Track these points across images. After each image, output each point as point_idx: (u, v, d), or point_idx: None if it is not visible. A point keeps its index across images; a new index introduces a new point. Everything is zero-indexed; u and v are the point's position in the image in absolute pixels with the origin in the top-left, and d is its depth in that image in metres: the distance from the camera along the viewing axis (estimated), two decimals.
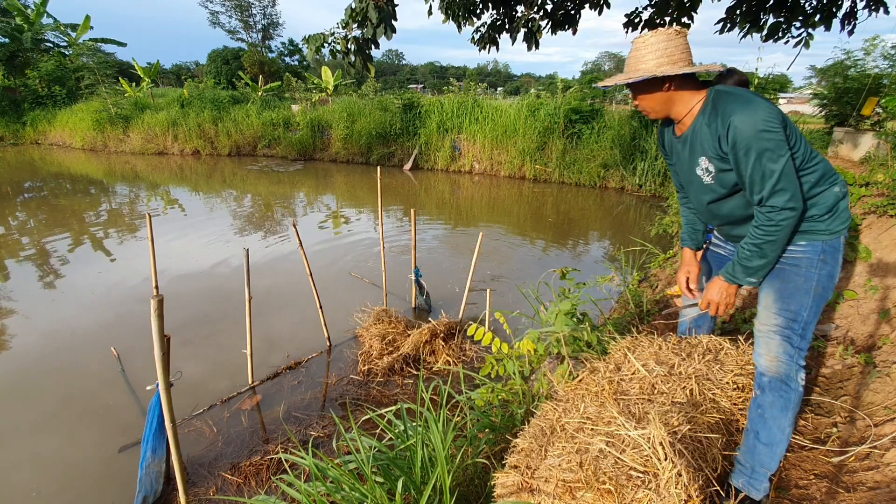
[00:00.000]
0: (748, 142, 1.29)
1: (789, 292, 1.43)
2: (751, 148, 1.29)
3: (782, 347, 1.43)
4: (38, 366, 3.20)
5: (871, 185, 3.31)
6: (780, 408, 1.44)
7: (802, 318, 1.42)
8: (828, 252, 1.41)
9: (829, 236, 1.40)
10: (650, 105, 1.49)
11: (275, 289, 4.43)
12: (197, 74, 36.87)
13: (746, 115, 1.28)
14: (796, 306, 1.42)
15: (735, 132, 1.30)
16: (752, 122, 1.27)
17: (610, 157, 9.54)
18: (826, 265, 1.41)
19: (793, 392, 1.43)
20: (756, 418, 1.48)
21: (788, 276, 1.44)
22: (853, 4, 3.61)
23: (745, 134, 1.28)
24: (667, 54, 1.38)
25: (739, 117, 1.29)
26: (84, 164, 12.72)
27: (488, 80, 52.51)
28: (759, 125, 1.27)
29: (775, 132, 1.27)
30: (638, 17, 4.07)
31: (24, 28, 17.60)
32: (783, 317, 1.44)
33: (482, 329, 2.23)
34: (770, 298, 1.48)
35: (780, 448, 1.46)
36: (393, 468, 1.50)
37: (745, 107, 1.29)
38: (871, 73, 6.81)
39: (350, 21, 3.20)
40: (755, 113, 1.27)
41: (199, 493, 2.16)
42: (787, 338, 1.43)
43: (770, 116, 1.27)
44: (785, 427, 1.44)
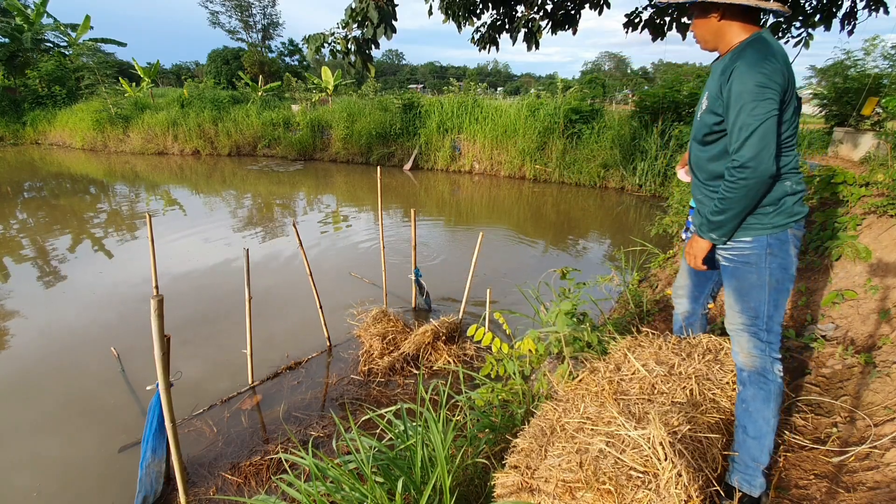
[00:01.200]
0: (739, 91, 1.30)
1: (745, 290, 1.49)
2: (740, 97, 1.30)
3: (751, 343, 1.49)
4: (39, 366, 3.20)
5: (871, 185, 3.30)
6: (761, 399, 1.48)
7: (763, 314, 1.47)
8: (774, 245, 1.44)
9: (774, 230, 1.43)
10: (700, 33, 1.48)
11: (275, 289, 4.43)
12: (197, 74, 36.87)
13: (751, 66, 1.29)
14: (755, 303, 1.47)
15: (733, 78, 1.32)
16: (752, 75, 1.28)
17: (610, 157, 9.54)
18: (775, 258, 1.44)
19: (771, 384, 1.47)
20: (742, 413, 1.52)
21: (742, 274, 1.49)
22: (853, 4, 3.61)
23: (741, 83, 1.30)
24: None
25: (744, 65, 1.30)
26: (84, 164, 12.72)
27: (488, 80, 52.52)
28: (757, 79, 1.28)
29: (770, 90, 1.28)
30: (638, 16, 4.06)
31: (24, 28, 17.60)
32: (745, 315, 1.50)
33: (482, 329, 2.24)
34: (731, 298, 1.54)
35: (767, 440, 1.48)
36: (393, 468, 1.50)
37: (757, 59, 1.29)
38: (871, 73, 6.82)
39: (350, 21, 3.20)
40: (761, 67, 1.28)
41: (199, 493, 2.16)
42: (753, 334, 1.48)
43: (773, 77, 1.28)
44: (769, 418, 1.48)
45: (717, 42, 1.48)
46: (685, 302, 1.91)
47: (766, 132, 1.29)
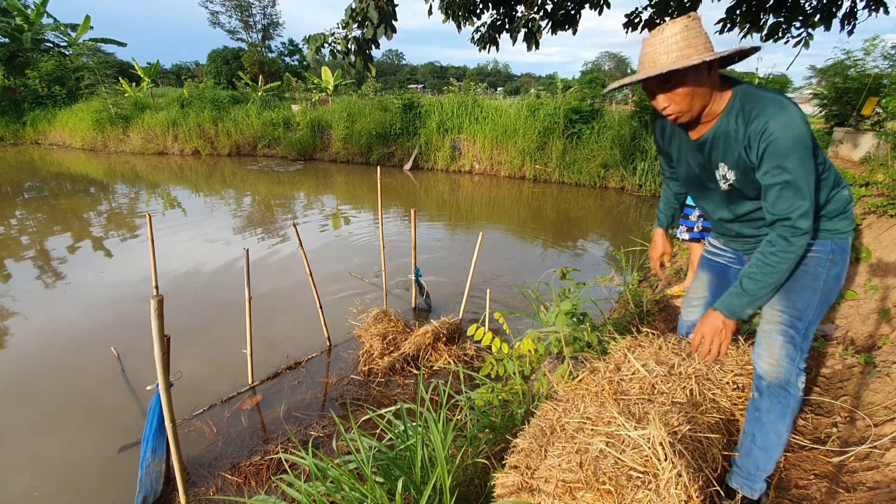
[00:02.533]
0: (783, 151, 1.16)
1: (796, 289, 1.37)
2: (786, 158, 1.16)
3: (784, 349, 1.38)
4: (39, 366, 3.20)
5: (871, 185, 3.31)
6: (777, 413, 1.40)
7: (807, 318, 1.36)
8: (836, 252, 1.35)
9: (838, 236, 1.36)
10: (685, 103, 1.25)
11: (275, 289, 4.43)
12: (197, 74, 36.88)
13: (784, 122, 1.15)
14: (802, 304, 1.36)
15: (770, 139, 1.16)
16: (790, 131, 1.15)
17: (610, 157, 9.54)
18: (835, 266, 1.36)
19: (792, 398, 1.39)
20: (753, 421, 1.45)
21: (795, 273, 1.37)
22: (853, 4, 3.61)
23: (782, 143, 1.15)
24: (702, 42, 1.20)
25: (776, 123, 1.15)
26: (84, 164, 12.72)
27: (488, 80, 52.53)
28: (797, 134, 1.15)
29: (809, 146, 1.17)
30: (638, 17, 4.07)
31: (24, 28, 17.60)
32: (787, 314, 1.37)
33: (482, 329, 2.24)
34: (775, 295, 1.40)
35: (776, 452, 1.44)
36: (393, 468, 1.50)
37: (782, 112, 1.15)
38: (871, 73, 6.82)
39: (350, 21, 3.20)
40: (793, 121, 1.15)
41: (199, 493, 2.16)
42: (790, 338, 1.37)
43: (806, 125, 1.17)
44: (782, 432, 1.42)
45: (703, 107, 1.28)
46: (699, 311, 1.83)
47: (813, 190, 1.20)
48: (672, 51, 1.20)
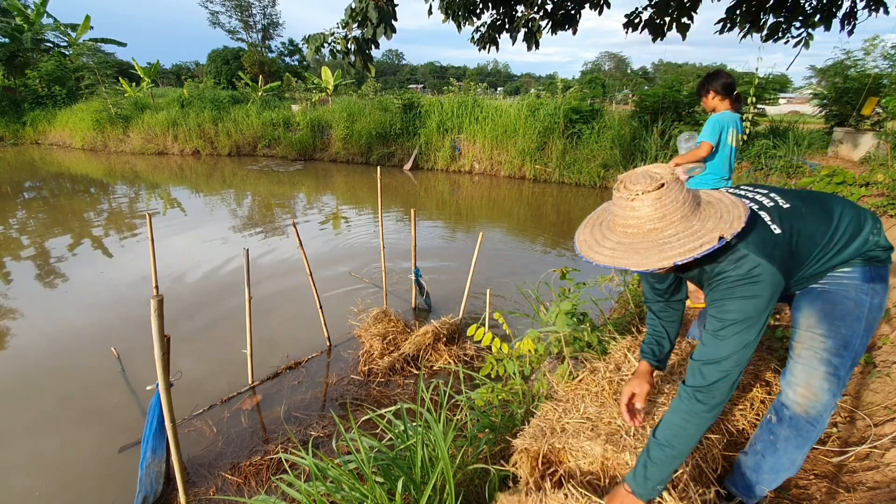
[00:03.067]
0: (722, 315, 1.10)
1: (838, 315, 1.21)
2: (721, 319, 1.10)
3: (827, 381, 1.22)
4: (39, 366, 3.20)
5: (871, 185, 3.31)
6: (796, 445, 1.29)
7: (853, 347, 1.20)
8: (876, 280, 1.22)
9: (876, 263, 1.22)
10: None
11: (275, 289, 4.43)
12: (197, 74, 36.88)
13: (735, 299, 1.08)
14: (847, 331, 1.20)
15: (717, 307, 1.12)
16: (738, 308, 1.08)
17: (610, 157, 9.54)
18: (877, 295, 1.22)
19: (817, 432, 1.26)
20: (767, 443, 1.35)
21: (835, 298, 1.23)
22: (853, 4, 3.61)
23: (726, 311, 1.09)
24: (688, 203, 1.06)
25: (728, 297, 1.09)
26: (84, 164, 12.72)
27: (488, 80, 52.54)
28: (745, 311, 1.08)
29: (756, 319, 1.08)
30: (638, 17, 4.06)
31: (24, 28, 17.60)
32: (833, 340, 1.21)
33: (482, 329, 2.24)
34: (813, 319, 1.25)
35: (784, 475, 1.35)
36: (393, 468, 1.50)
37: (741, 290, 1.08)
38: (871, 73, 6.82)
39: (350, 21, 3.20)
40: (747, 300, 1.08)
41: (199, 493, 2.16)
42: (833, 369, 1.21)
43: (763, 300, 1.07)
44: (797, 460, 1.31)
45: None
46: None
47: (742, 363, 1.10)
48: (648, 233, 1.05)
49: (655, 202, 1.02)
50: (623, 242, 1.06)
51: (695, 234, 1.01)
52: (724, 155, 2.95)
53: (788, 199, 1.24)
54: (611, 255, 1.07)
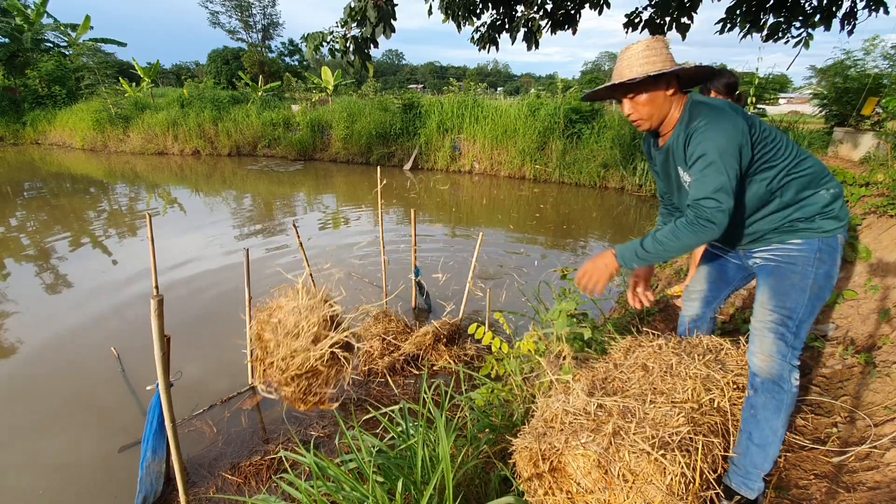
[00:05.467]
0: (702, 152, 1.32)
1: (785, 289, 1.43)
2: (703, 157, 1.32)
3: (776, 346, 1.42)
4: (39, 366, 3.20)
5: (871, 185, 3.31)
6: (772, 409, 1.42)
7: (797, 316, 1.41)
8: (824, 251, 1.40)
9: (824, 234, 1.40)
10: (646, 110, 1.45)
11: (275, 288, 4.42)
12: (197, 74, 36.87)
13: (708, 130, 1.32)
14: (792, 303, 1.41)
15: (695, 143, 1.34)
16: (710, 136, 1.31)
17: (610, 157, 9.54)
18: (823, 264, 1.40)
19: (786, 393, 1.42)
20: (749, 419, 1.47)
21: (784, 273, 1.44)
22: (853, 4, 3.61)
23: (703, 146, 1.32)
24: (669, 59, 1.38)
25: (702, 132, 1.33)
26: (84, 164, 12.72)
27: (488, 80, 52.49)
28: (716, 138, 1.31)
29: (731, 153, 1.31)
30: (638, 16, 4.06)
31: (24, 28, 17.60)
32: (778, 313, 1.43)
33: (483, 328, 2.24)
34: (766, 295, 1.47)
35: (772, 449, 1.45)
36: (393, 468, 1.50)
37: (712, 121, 1.33)
38: (871, 73, 6.82)
39: (349, 20, 3.20)
40: (717, 128, 1.32)
41: (200, 492, 2.16)
42: (780, 335, 1.42)
43: (731, 136, 1.31)
44: (778, 428, 1.43)
45: (664, 116, 1.47)
46: (696, 306, 1.86)
47: (727, 189, 1.31)
48: (634, 65, 1.39)
49: (646, 49, 1.38)
50: (607, 82, 1.45)
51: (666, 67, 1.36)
52: None
53: None
54: (598, 88, 1.47)
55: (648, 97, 1.43)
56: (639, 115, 1.46)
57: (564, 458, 1.31)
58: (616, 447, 1.30)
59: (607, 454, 1.28)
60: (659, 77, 1.38)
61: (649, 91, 1.42)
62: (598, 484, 1.28)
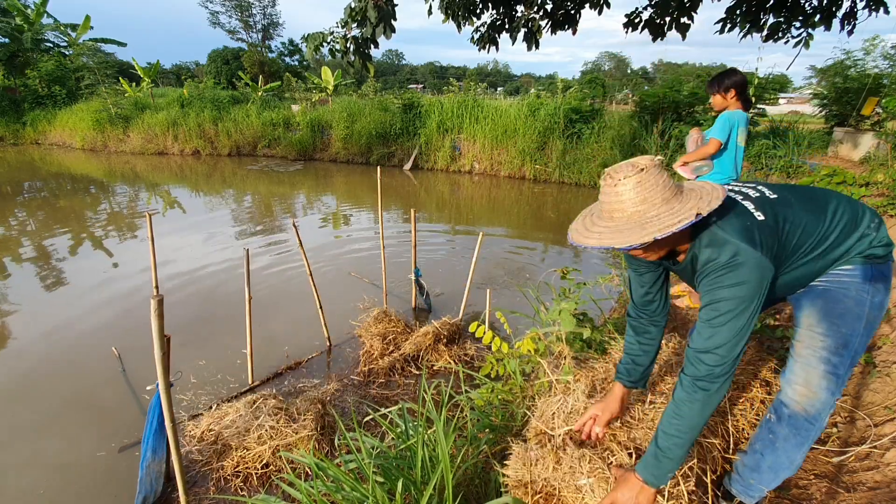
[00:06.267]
0: (714, 298, 1.11)
1: (838, 314, 1.21)
2: (716, 303, 1.10)
3: (826, 380, 1.23)
4: (39, 366, 3.20)
5: (871, 185, 3.31)
6: (795, 444, 1.30)
7: (853, 346, 1.21)
8: (878, 278, 1.21)
9: (875, 261, 1.21)
10: (660, 251, 1.19)
11: (275, 288, 4.43)
12: (197, 74, 36.87)
13: (725, 286, 1.09)
14: (847, 329, 1.20)
15: (707, 296, 1.13)
16: (727, 293, 1.08)
17: (610, 157, 9.53)
18: (878, 293, 1.21)
19: (816, 430, 1.27)
20: (766, 442, 1.36)
21: (835, 296, 1.22)
22: (853, 4, 3.61)
23: (719, 292, 1.10)
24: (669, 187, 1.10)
25: (717, 286, 1.10)
26: (84, 164, 12.72)
27: (488, 80, 52.51)
28: (734, 295, 1.08)
29: (747, 302, 1.08)
30: (638, 16, 4.06)
31: (24, 28, 17.59)
32: (832, 339, 1.22)
33: (483, 326, 2.24)
34: (814, 318, 1.25)
35: (785, 474, 1.36)
36: (393, 468, 1.50)
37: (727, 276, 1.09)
38: (871, 73, 6.82)
39: (349, 20, 3.20)
40: (734, 286, 1.08)
41: (200, 492, 2.16)
42: (833, 367, 1.22)
43: (753, 285, 1.08)
44: (796, 459, 1.32)
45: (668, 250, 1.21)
46: None
47: (740, 338, 1.09)
48: (629, 210, 1.10)
49: (637, 186, 1.08)
50: (609, 226, 1.12)
51: (674, 213, 1.07)
52: (732, 154, 2.93)
53: (776, 191, 1.26)
54: (598, 238, 1.12)
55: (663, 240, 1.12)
56: (652, 255, 1.20)
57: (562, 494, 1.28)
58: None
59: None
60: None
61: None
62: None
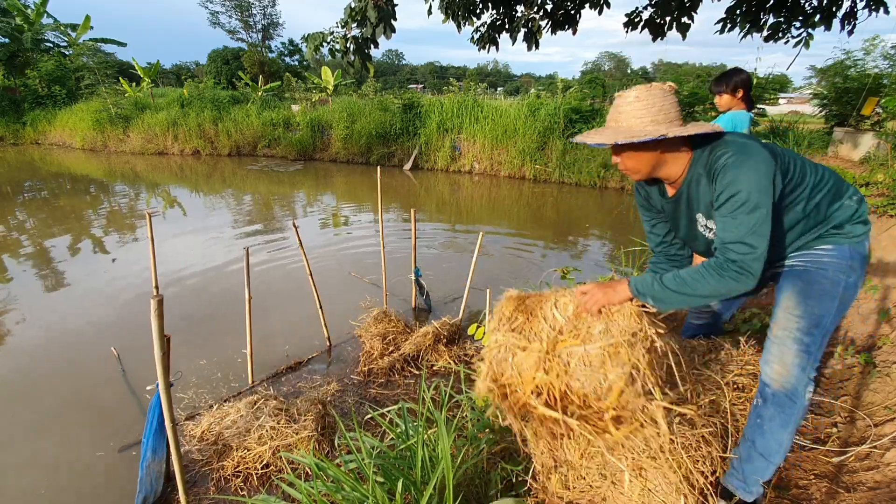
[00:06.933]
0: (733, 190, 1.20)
1: (814, 294, 1.33)
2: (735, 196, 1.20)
3: (798, 357, 1.33)
4: (39, 366, 3.20)
5: (871, 185, 3.31)
6: (780, 422, 1.37)
7: (825, 326, 1.32)
8: (855, 259, 1.32)
9: (855, 239, 1.33)
10: (633, 164, 1.34)
11: (275, 288, 4.43)
12: (197, 74, 36.87)
13: (737, 166, 1.20)
14: (821, 311, 1.32)
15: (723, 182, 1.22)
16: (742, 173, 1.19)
17: (610, 156, 9.52)
18: (854, 273, 1.32)
19: (797, 408, 1.35)
20: (754, 427, 1.43)
21: (814, 277, 1.34)
22: (853, 4, 3.61)
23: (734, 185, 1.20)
24: (664, 111, 1.25)
25: (731, 169, 1.21)
26: (84, 164, 12.72)
27: (488, 79, 52.50)
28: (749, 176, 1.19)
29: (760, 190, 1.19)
30: (638, 16, 4.06)
31: (24, 28, 17.60)
32: (805, 319, 1.33)
33: (482, 328, 2.24)
34: (792, 300, 1.37)
35: (776, 459, 1.41)
36: (393, 468, 1.50)
37: (739, 157, 1.21)
38: (871, 73, 6.82)
39: (349, 20, 3.20)
40: (747, 164, 1.20)
41: (199, 492, 2.16)
42: (804, 346, 1.32)
43: (763, 171, 1.19)
44: (783, 441, 1.39)
45: (656, 172, 1.36)
46: (709, 315, 1.84)
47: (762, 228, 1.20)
48: (621, 120, 1.29)
49: (634, 101, 1.26)
50: (598, 131, 1.28)
51: (649, 132, 1.19)
52: None
53: None
54: (583, 137, 1.31)
55: (635, 154, 1.32)
56: (624, 166, 1.37)
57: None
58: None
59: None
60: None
61: (635, 148, 1.30)
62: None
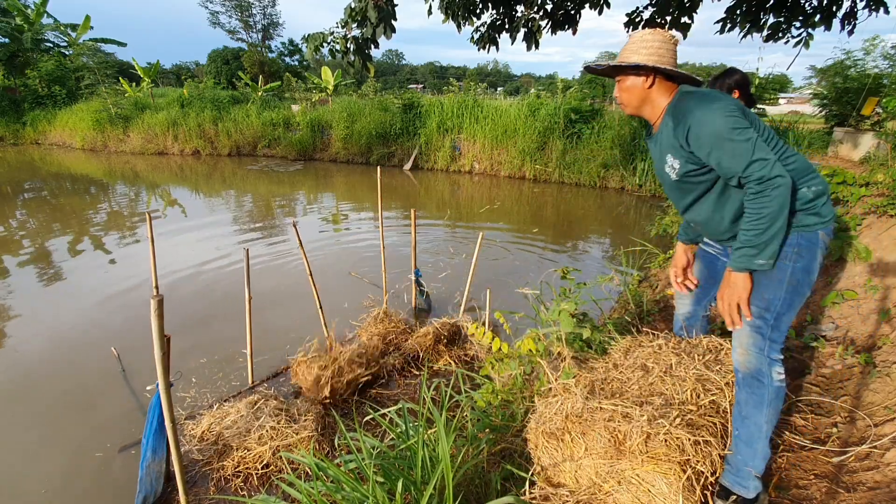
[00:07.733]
0: (712, 132, 1.32)
1: (762, 283, 1.43)
2: (716, 137, 1.31)
3: (752, 339, 1.43)
4: (39, 366, 3.20)
5: (871, 185, 3.30)
6: (753, 405, 1.43)
7: (775, 308, 1.41)
8: (803, 245, 1.40)
9: (804, 229, 1.40)
10: (626, 97, 1.55)
11: (275, 288, 4.43)
12: (197, 74, 36.86)
13: (704, 110, 1.33)
14: (769, 295, 1.41)
15: (696, 129, 1.34)
16: (710, 115, 1.32)
17: (610, 157, 9.54)
18: (801, 258, 1.40)
19: (766, 388, 1.41)
20: (736, 417, 1.49)
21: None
22: (853, 4, 3.61)
23: (708, 127, 1.32)
24: (658, 53, 1.45)
25: (697, 114, 1.34)
26: (84, 164, 12.72)
27: (488, 80, 52.46)
28: (717, 115, 1.31)
29: (735, 117, 1.30)
30: (639, 16, 4.07)
31: (24, 28, 17.60)
32: (755, 306, 1.43)
33: (482, 328, 2.24)
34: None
35: (759, 445, 1.44)
36: (393, 468, 1.50)
37: (702, 103, 1.35)
38: (871, 73, 6.81)
39: (349, 20, 3.20)
40: (711, 106, 1.33)
41: (200, 492, 2.16)
42: (757, 328, 1.42)
43: (728, 106, 1.32)
44: (762, 424, 1.43)
45: (641, 108, 1.55)
46: (688, 303, 1.90)
47: (760, 143, 1.30)
48: (625, 52, 1.50)
49: (640, 39, 1.46)
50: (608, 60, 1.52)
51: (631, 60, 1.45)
52: None
53: None
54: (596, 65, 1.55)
55: (629, 84, 1.51)
56: (620, 98, 1.57)
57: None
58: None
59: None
60: (639, 67, 1.45)
61: (630, 80, 1.50)
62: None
